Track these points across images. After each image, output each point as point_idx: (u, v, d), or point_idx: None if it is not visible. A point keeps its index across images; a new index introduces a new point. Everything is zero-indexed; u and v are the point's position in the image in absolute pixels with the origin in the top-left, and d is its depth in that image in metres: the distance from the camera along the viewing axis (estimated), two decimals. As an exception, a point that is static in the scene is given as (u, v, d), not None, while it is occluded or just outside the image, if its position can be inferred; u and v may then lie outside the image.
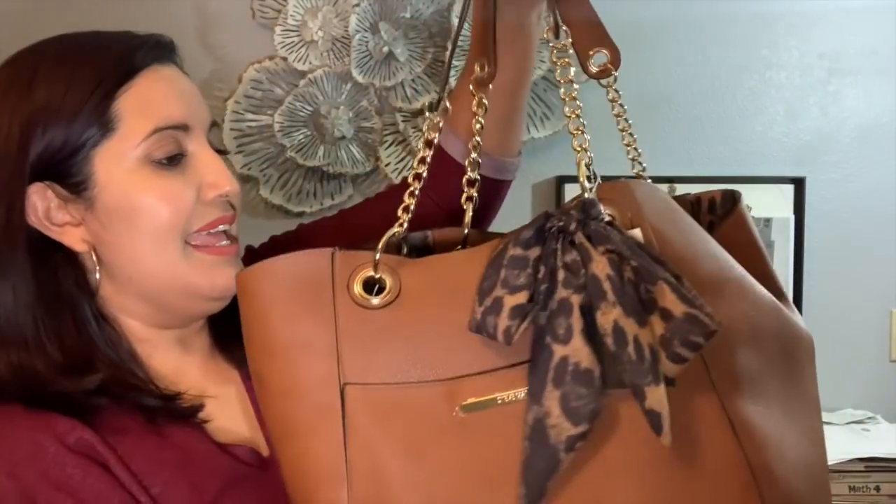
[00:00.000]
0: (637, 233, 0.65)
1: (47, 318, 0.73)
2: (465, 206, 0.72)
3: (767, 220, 1.76)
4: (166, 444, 0.74)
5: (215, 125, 0.84)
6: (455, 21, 1.66)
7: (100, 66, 0.75)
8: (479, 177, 0.71)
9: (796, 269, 1.76)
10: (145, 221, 0.74)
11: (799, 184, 1.76)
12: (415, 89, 1.71)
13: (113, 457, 0.69)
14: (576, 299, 0.59)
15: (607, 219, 0.65)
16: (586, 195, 0.69)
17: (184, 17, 1.74)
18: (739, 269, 0.69)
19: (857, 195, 1.79)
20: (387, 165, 1.73)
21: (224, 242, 0.79)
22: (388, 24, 1.67)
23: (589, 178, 0.73)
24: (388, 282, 0.61)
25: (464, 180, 0.71)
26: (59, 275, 0.75)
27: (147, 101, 0.75)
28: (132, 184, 0.74)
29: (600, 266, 0.59)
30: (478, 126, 0.74)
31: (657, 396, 0.57)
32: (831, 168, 1.80)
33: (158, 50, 0.79)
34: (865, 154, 1.79)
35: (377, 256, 0.61)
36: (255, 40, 1.72)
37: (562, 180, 1.74)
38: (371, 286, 0.61)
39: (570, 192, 1.74)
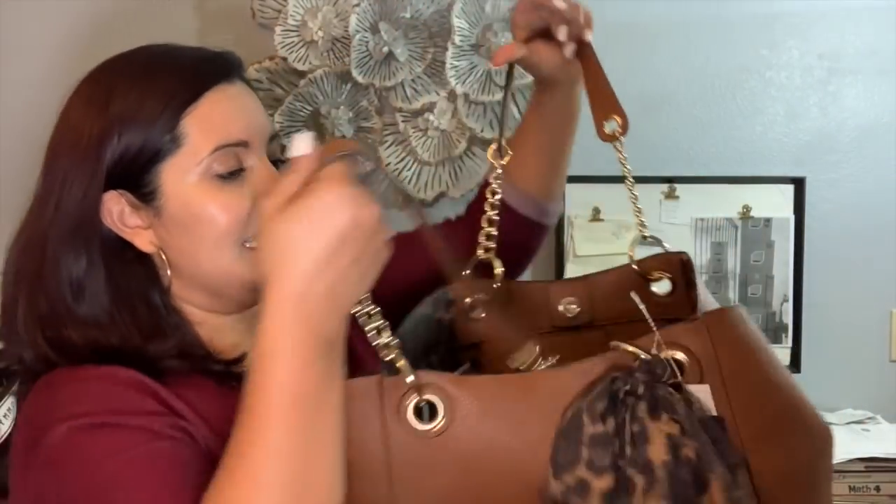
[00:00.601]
0: (704, 390, 0.63)
1: (122, 305, 0.82)
2: (486, 256, 0.89)
3: (767, 220, 1.76)
4: (228, 402, 0.79)
5: (276, 137, 0.89)
6: (455, 21, 1.66)
7: (170, 86, 0.82)
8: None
9: (796, 269, 1.76)
10: (206, 230, 0.82)
11: (799, 184, 1.76)
12: (415, 89, 1.71)
13: (168, 393, 0.76)
14: (639, 480, 0.59)
15: (673, 379, 0.63)
16: (653, 351, 0.64)
17: (184, 17, 1.74)
18: (802, 397, 0.69)
19: (857, 195, 1.79)
20: (387, 165, 1.73)
21: None
22: (388, 24, 1.67)
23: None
24: (440, 407, 0.62)
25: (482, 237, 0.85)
26: (132, 270, 0.84)
27: (211, 121, 0.82)
28: (195, 196, 0.82)
29: (657, 450, 0.59)
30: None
31: None
32: (831, 168, 1.80)
33: (225, 69, 0.86)
34: (865, 154, 1.79)
35: (419, 380, 0.63)
36: (255, 40, 1.72)
37: (562, 180, 1.74)
38: (421, 410, 0.63)
39: (570, 191, 1.74)
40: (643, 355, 0.63)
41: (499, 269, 0.94)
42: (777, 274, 1.76)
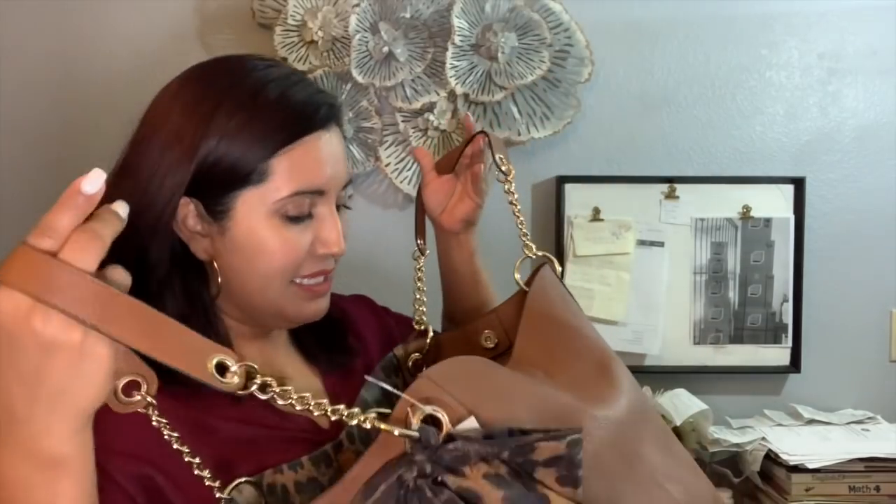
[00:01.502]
0: (471, 422, 0.64)
1: (174, 296, 0.85)
2: (420, 326, 1.03)
3: (767, 220, 1.76)
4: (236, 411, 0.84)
5: (349, 184, 0.93)
6: (455, 21, 1.66)
7: (275, 122, 0.85)
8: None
9: (796, 269, 1.76)
10: (262, 263, 0.86)
11: (799, 184, 1.76)
12: (415, 89, 1.71)
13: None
14: None
15: (442, 432, 0.63)
16: (413, 430, 0.63)
17: (184, 17, 1.74)
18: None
19: (857, 195, 1.80)
20: (387, 165, 1.73)
21: (321, 284, 0.91)
22: (388, 24, 1.67)
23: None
24: None
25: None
26: (190, 269, 0.87)
27: (299, 165, 0.85)
28: (262, 230, 0.85)
29: (475, 480, 0.61)
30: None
31: None
32: (831, 168, 1.80)
33: (328, 117, 0.89)
34: (865, 154, 1.79)
35: None
36: (255, 40, 1.73)
37: (562, 180, 1.74)
38: None
39: (570, 191, 1.75)
40: (411, 433, 0.62)
41: (430, 332, 1.01)
42: (777, 274, 1.76)
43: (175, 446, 0.69)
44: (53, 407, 0.56)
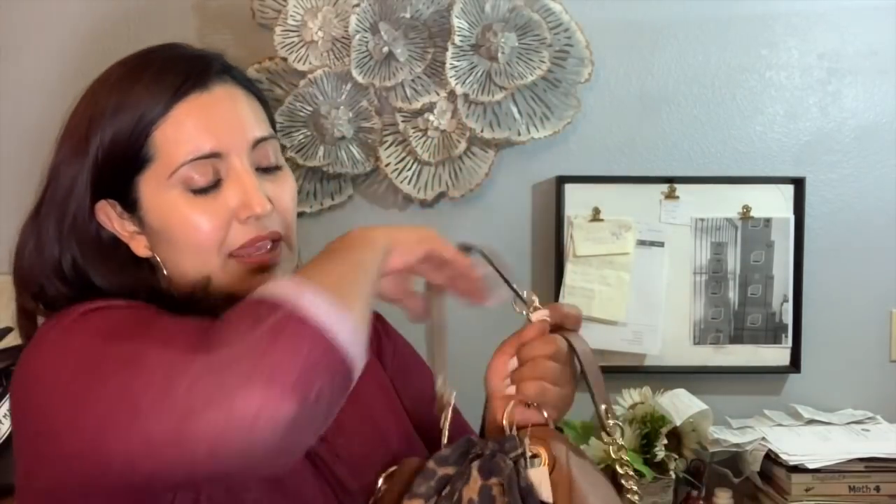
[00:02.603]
0: (542, 474, 0.74)
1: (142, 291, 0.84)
2: None
3: (767, 220, 1.76)
4: None
5: (269, 139, 0.87)
6: (455, 21, 1.66)
7: (142, 99, 0.82)
8: None
9: (796, 269, 1.76)
10: (187, 241, 0.83)
11: (799, 184, 1.76)
12: (415, 89, 1.71)
13: None
14: None
15: (518, 452, 0.75)
16: (511, 432, 0.79)
17: (184, 17, 1.74)
18: None
19: (857, 195, 1.79)
20: (387, 165, 1.73)
21: (263, 253, 0.85)
22: (388, 24, 1.67)
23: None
24: None
25: None
26: (134, 268, 0.86)
27: (181, 134, 0.82)
28: (173, 209, 0.83)
29: (470, 490, 0.73)
30: None
31: None
32: (831, 168, 1.80)
33: (202, 76, 0.85)
34: (865, 154, 1.79)
35: None
36: (255, 40, 1.72)
37: (562, 180, 1.74)
38: None
39: (570, 191, 1.74)
40: (508, 433, 0.77)
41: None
42: (777, 274, 1.76)
43: None
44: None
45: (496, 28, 1.66)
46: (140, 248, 0.86)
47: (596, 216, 1.75)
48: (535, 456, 0.75)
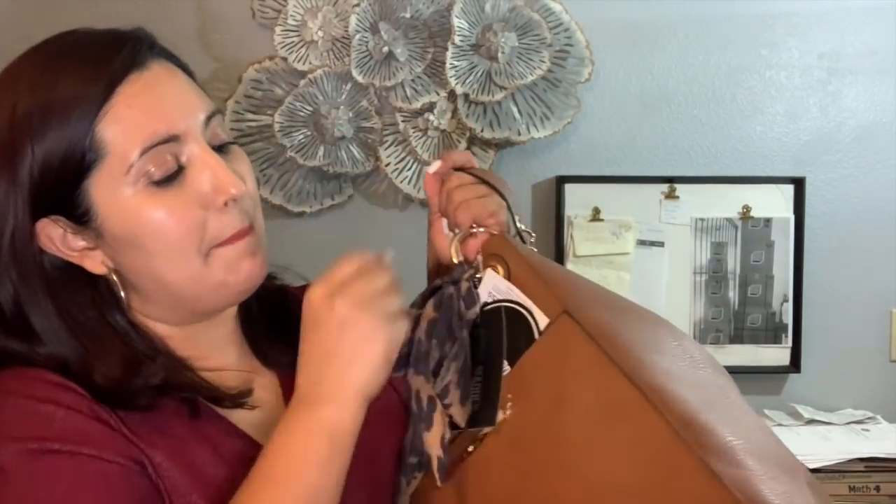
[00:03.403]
0: (492, 277, 0.75)
1: (88, 339, 0.73)
2: None
3: (767, 220, 1.76)
4: (179, 423, 0.73)
5: (217, 115, 0.77)
6: (455, 21, 1.66)
7: (75, 90, 0.71)
8: None
9: (796, 269, 1.76)
10: (154, 244, 0.72)
11: (799, 184, 1.76)
12: (415, 89, 1.71)
13: (115, 419, 0.70)
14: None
15: (469, 273, 0.76)
16: (455, 260, 0.79)
17: (184, 17, 1.74)
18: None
19: (857, 195, 1.79)
20: (387, 165, 1.73)
21: (235, 229, 0.75)
22: (388, 24, 1.67)
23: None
24: None
25: None
26: (85, 296, 0.74)
27: (128, 121, 0.71)
28: (132, 210, 0.71)
29: (421, 330, 0.74)
30: None
31: (429, 440, 0.70)
32: (831, 168, 1.80)
33: (134, 55, 0.74)
34: (865, 154, 1.79)
35: None
36: (255, 40, 1.72)
37: (562, 180, 1.74)
38: None
39: (570, 192, 1.74)
40: (455, 261, 0.78)
41: None
42: (777, 274, 1.76)
43: None
44: (342, 375, 0.68)
45: (496, 28, 1.67)
46: (96, 265, 0.74)
47: (596, 216, 1.75)
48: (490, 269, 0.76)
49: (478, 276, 0.75)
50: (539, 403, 0.68)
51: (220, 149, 0.75)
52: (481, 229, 0.77)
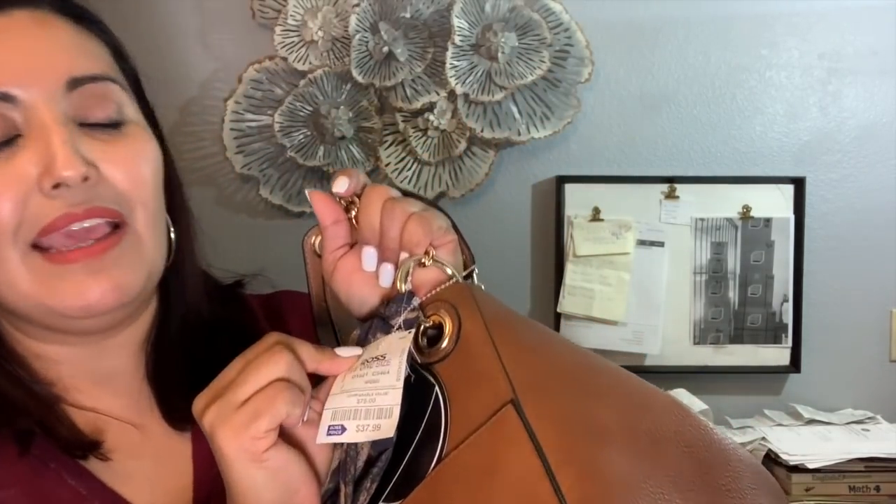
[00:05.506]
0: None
1: None
2: None
3: (767, 220, 1.76)
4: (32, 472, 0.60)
5: (102, 81, 0.62)
6: (455, 21, 1.66)
7: None
8: None
9: (796, 269, 1.76)
10: None
11: (799, 184, 1.76)
12: (415, 89, 1.71)
13: None
14: None
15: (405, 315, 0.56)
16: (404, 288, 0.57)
17: (184, 17, 1.74)
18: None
19: (857, 195, 1.79)
20: (387, 165, 1.73)
21: (85, 247, 0.59)
22: (388, 24, 1.67)
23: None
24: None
25: None
26: None
27: None
28: None
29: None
30: None
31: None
32: (831, 168, 1.80)
33: None
34: (865, 154, 1.79)
35: None
36: (255, 40, 1.72)
37: (562, 180, 1.74)
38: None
39: (570, 192, 1.74)
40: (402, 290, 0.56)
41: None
42: (777, 274, 1.76)
43: None
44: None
45: (496, 28, 1.66)
46: None
47: (596, 216, 1.75)
48: (433, 326, 0.55)
49: (424, 322, 0.54)
50: None
51: (100, 126, 0.61)
52: (445, 264, 0.56)
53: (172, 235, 0.68)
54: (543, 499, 0.42)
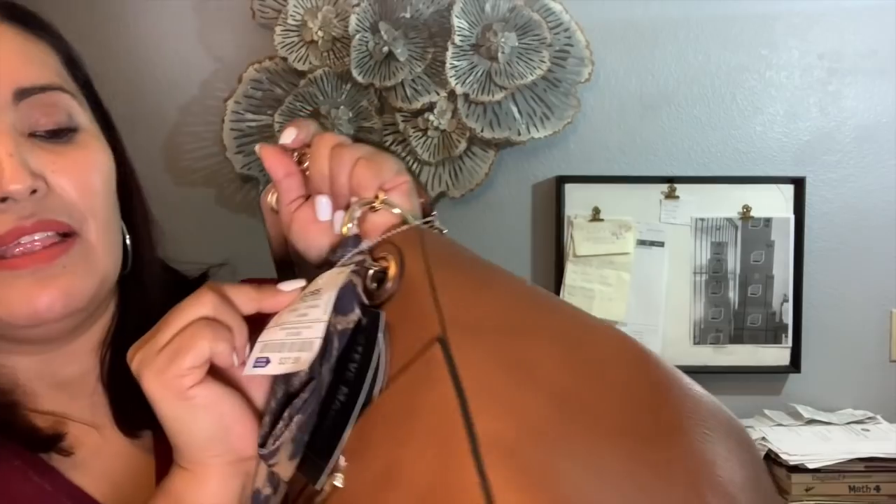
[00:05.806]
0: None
1: None
2: None
3: (767, 220, 1.76)
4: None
5: (52, 91, 0.61)
6: (455, 21, 1.66)
7: None
8: None
9: (796, 269, 1.76)
10: None
11: (799, 184, 1.76)
12: (415, 89, 1.71)
13: None
14: None
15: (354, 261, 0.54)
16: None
17: (184, 18, 1.74)
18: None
19: (857, 195, 1.79)
20: (387, 165, 1.73)
21: (31, 254, 0.58)
22: (388, 23, 1.67)
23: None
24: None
25: None
26: None
27: None
28: None
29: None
30: None
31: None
32: (831, 168, 1.80)
33: None
34: (865, 154, 1.79)
35: None
36: (255, 40, 1.73)
37: (562, 180, 1.74)
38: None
39: (570, 192, 1.74)
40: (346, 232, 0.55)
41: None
42: (777, 274, 1.76)
43: None
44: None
45: (496, 28, 1.67)
46: None
47: (596, 216, 1.75)
48: (381, 269, 0.53)
49: (371, 266, 0.53)
50: (368, 474, 0.44)
51: (50, 137, 0.60)
52: (395, 208, 0.55)
53: (128, 242, 0.67)
54: (456, 439, 0.40)
